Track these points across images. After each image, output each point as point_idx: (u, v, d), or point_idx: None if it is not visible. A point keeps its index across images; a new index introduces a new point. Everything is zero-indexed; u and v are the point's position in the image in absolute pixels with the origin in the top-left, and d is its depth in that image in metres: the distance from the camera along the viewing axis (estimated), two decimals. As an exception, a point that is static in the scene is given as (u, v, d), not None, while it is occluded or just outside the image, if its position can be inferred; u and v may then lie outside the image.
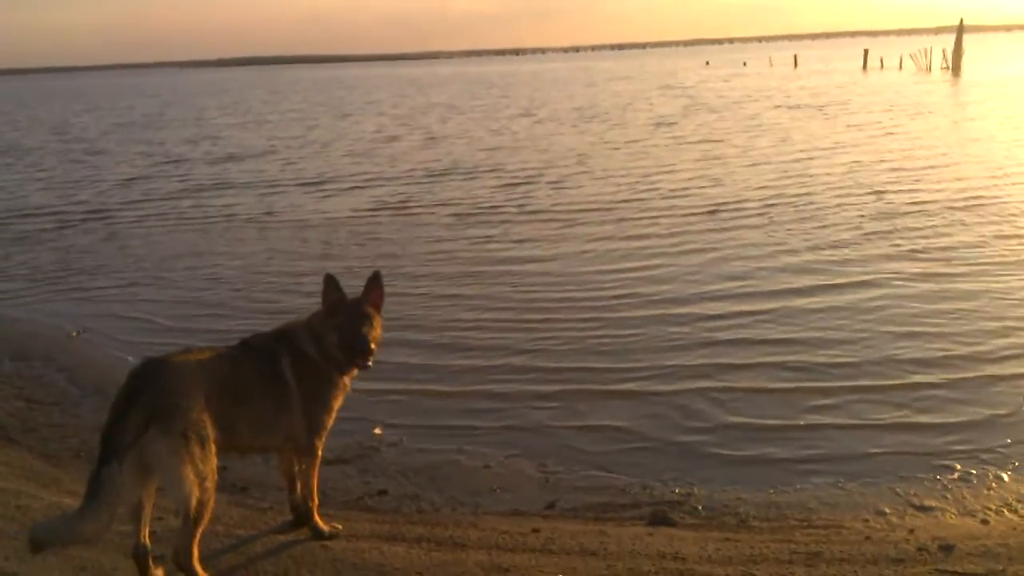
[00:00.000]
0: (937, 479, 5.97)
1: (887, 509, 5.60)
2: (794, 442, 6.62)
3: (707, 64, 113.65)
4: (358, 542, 5.07)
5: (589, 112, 41.13)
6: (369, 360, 4.74)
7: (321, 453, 4.94)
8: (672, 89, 57.89)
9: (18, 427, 7.32)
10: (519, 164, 23.27)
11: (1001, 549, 4.89)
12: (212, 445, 4.21)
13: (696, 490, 5.95)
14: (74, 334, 10.08)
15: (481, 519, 5.57)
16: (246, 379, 4.55)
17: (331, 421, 4.90)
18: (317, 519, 5.09)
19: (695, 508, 5.71)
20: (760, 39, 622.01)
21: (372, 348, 4.71)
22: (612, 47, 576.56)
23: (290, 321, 5.05)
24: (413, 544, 5.10)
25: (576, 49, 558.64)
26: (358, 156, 27.14)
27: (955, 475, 6.01)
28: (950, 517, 5.49)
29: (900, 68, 70.32)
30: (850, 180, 18.25)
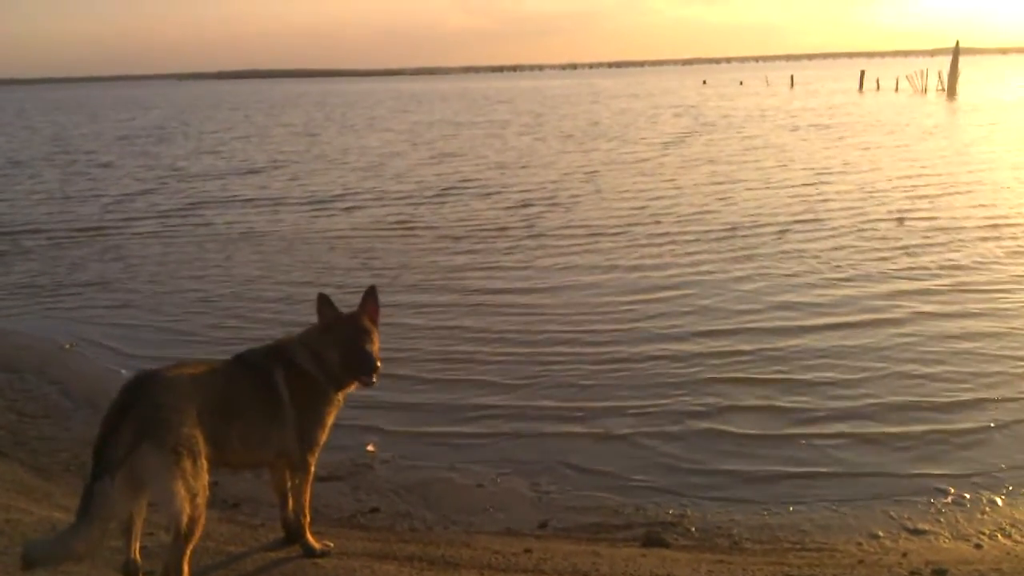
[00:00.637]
0: (931, 503, 5.96)
1: (880, 532, 5.59)
2: (788, 464, 6.60)
3: (704, 83, 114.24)
4: (349, 560, 5.03)
5: (595, 130, 41.00)
6: (375, 377, 4.72)
7: (314, 469, 4.92)
8: (676, 108, 57.94)
9: (9, 440, 7.27)
10: (526, 183, 22.98)
11: (994, 574, 4.88)
12: (204, 461, 4.17)
13: (690, 512, 5.94)
14: (67, 347, 10.05)
15: (473, 538, 5.54)
16: (239, 394, 4.52)
17: (324, 437, 4.87)
18: (309, 536, 5.06)
19: (688, 530, 5.70)
20: (757, 59, 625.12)
21: (378, 365, 4.69)
22: (609, 65, 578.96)
23: (284, 337, 5.03)
24: (405, 563, 5.06)
25: (573, 66, 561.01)
26: (364, 172, 26.93)
27: (949, 499, 6.00)
28: (944, 541, 5.48)
29: (896, 90, 70.66)
30: (865, 204, 17.94)
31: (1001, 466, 6.41)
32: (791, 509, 5.93)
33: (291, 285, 12.63)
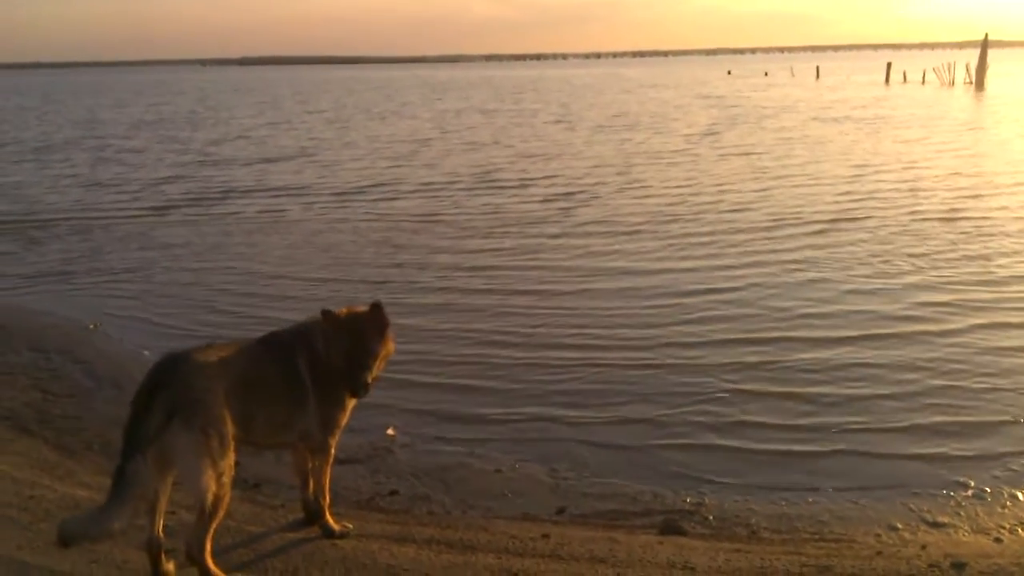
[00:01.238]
0: (950, 496, 5.93)
1: (899, 524, 5.57)
2: (807, 455, 6.59)
3: (729, 73, 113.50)
4: (368, 542, 5.08)
5: (625, 120, 40.34)
6: (360, 396, 4.71)
7: (334, 452, 4.96)
8: (706, 98, 57.25)
9: (34, 418, 7.39)
10: (559, 175, 22.33)
11: (1015, 568, 4.85)
12: (231, 441, 4.25)
13: (707, 500, 5.94)
14: (92, 327, 10.16)
15: (491, 523, 5.57)
16: (265, 376, 4.57)
17: (345, 420, 4.91)
18: (328, 518, 5.11)
19: (706, 518, 5.70)
20: (782, 49, 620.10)
21: (367, 391, 4.67)
22: (633, 54, 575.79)
23: (309, 319, 5.03)
24: (423, 546, 5.10)
25: (597, 55, 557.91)
26: (394, 161, 26.52)
27: (969, 492, 5.96)
28: (963, 534, 5.45)
29: (923, 82, 69.93)
30: (914, 200, 17.24)
31: (1022, 460, 6.37)
32: (809, 499, 5.91)
33: (316, 274, 12.58)
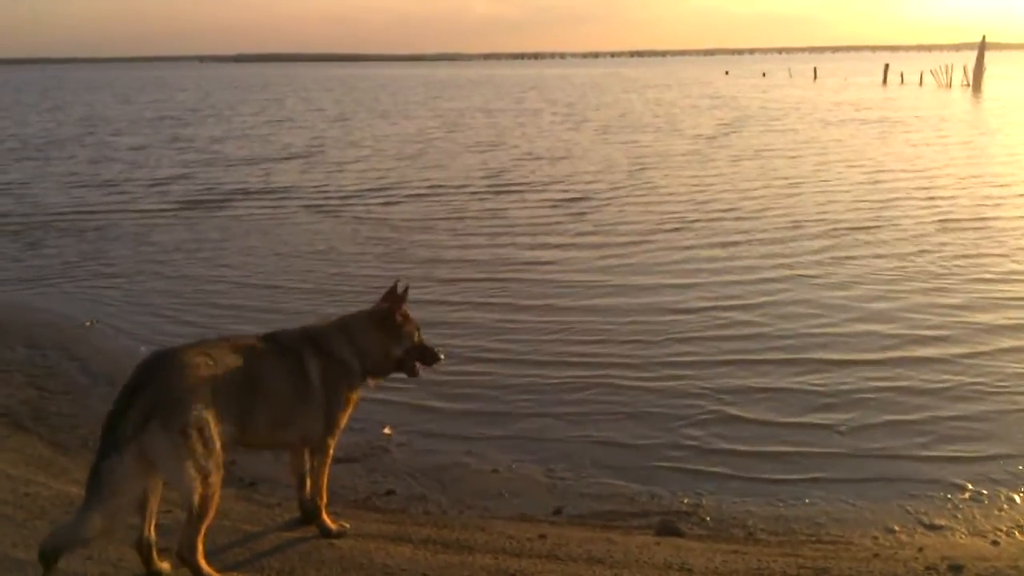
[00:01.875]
0: (948, 498, 5.92)
1: (896, 527, 5.56)
2: (804, 456, 6.58)
3: (726, 74, 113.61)
4: (365, 542, 5.07)
5: (631, 121, 39.96)
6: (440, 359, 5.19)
7: (332, 452, 4.95)
8: (710, 99, 57.00)
9: (29, 414, 7.36)
10: (569, 177, 21.82)
11: (1012, 571, 4.86)
12: (218, 441, 4.18)
13: (705, 501, 5.93)
14: (88, 324, 10.13)
15: (488, 523, 5.56)
16: (269, 375, 4.53)
17: (345, 422, 4.92)
18: (325, 517, 5.09)
19: (703, 519, 5.69)
20: (779, 50, 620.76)
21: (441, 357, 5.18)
22: (631, 54, 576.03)
23: (320, 321, 5.04)
24: (420, 545, 5.09)
25: (595, 55, 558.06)
26: (402, 161, 25.92)
27: (966, 495, 5.96)
28: (960, 537, 5.45)
29: (920, 84, 70.02)
30: (935, 206, 16.54)
31: (1019, 463, 6.36)
32: (807, 501, 5.91)
33: (317, 277, 12.32)
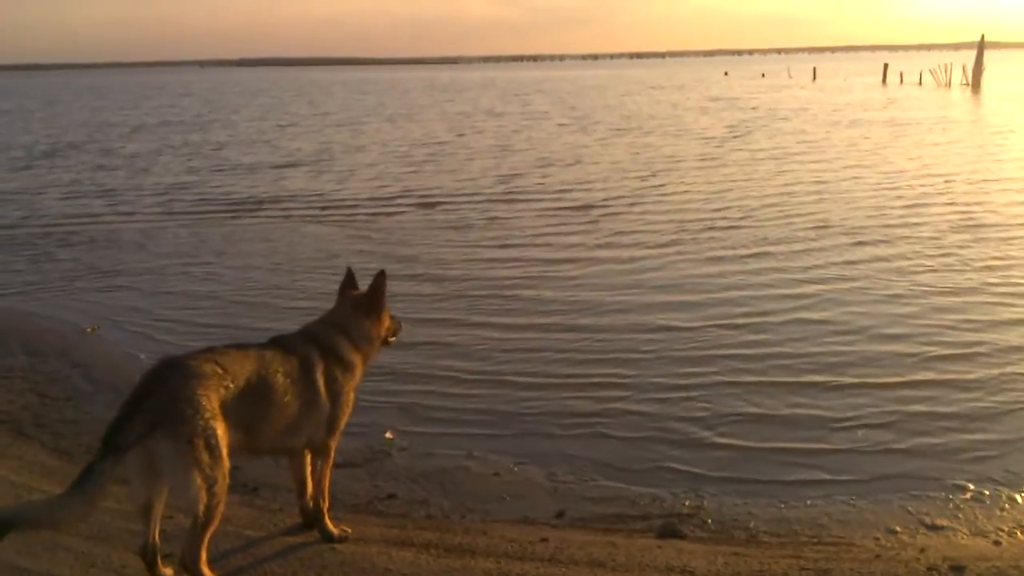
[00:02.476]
0: (949, 499, 5.92)
1: (898, 527, 5.56)
2: (806, 458, 6.57)
3: (726, 74, 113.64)
4: (367, 546, 5.08)
5: (641, 122, 39.32)
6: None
7: (334, 454, 4.98)
8: (717, 100, 56.57)
9: (31, 421, 7.37)
10: (584, 181, 21.43)
11: (1014, 571, 4.86)
12: (224, 449, 4.19)
13: (706, 503, 5.93)
14: (89, 330, 10.14)
15: (490, 526, 5.57)
16: (276, 381, 4.52)
17: (345, 422, 4.94)
18: (327, 521, 5.11)
19: (705, 522, 5.69)
20: (779, 51, 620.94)
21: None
22: (631, 56, 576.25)
23: (313, 322, 5.08)
24: (422, 550, 5.10)
25: (595, 57, 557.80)
26: (411, 166, 25.23)
27: (968, 495, 5.96)
28: (962, 537, 5.45)
29: (920, 83, 70.02)
30: (965, 210, 15.91)
31: (1021, 463, 6.36)
32: (808, 503, 5.90)
33: (324, 283, 11.49)
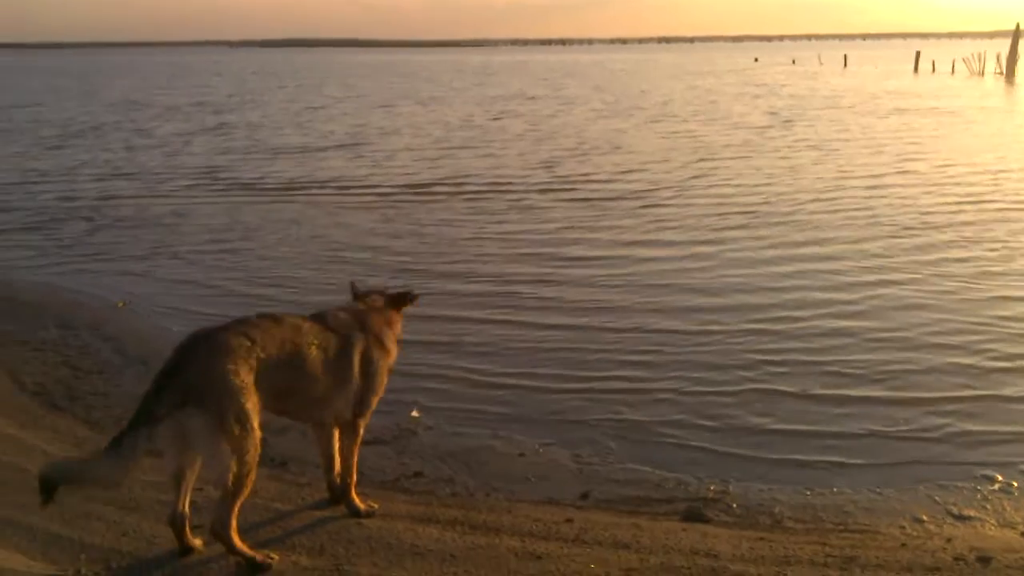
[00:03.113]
0: (977, 489, 5.89)
1: (925, 517, 5.54)
2: (832, 445, 6.56)
3: (756, 60, 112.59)
4: (393, 522, 5.13)
5: (678, 109, 38.51)
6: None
7: (362, 432, 5.02)
8: (752, 87, 55.53)
9: (64, 394, 7.49)
10: (627, 169, 20.56)
11: (1041, 563, 4.83)
12: (254, 421, 4.23)
13: (731, 488, 5.93)
14: (120, 304, 10.25)
15: (515, 506, 5.60)
16: (308, 352, 4.57)
17: (375, 404, 4.99)
18: (354, 497, 5.16)
19: (730, 506, 5.69)
20: (809, 37, 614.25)
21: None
22: (658, 40, 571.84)
23: (360, 303, 5.19)
24: (447, 527, 5.15)
25: (623, 41, 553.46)
26: (448, 152, 24.57)
27: (995, 486, 5.92)
28: (989, 528, 5.42)
29: (952, 72, 69.07)
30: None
31: (1051, 455, 6.32)
32: (834, 490, 5.89)
33: (354, 267, 11.63)
